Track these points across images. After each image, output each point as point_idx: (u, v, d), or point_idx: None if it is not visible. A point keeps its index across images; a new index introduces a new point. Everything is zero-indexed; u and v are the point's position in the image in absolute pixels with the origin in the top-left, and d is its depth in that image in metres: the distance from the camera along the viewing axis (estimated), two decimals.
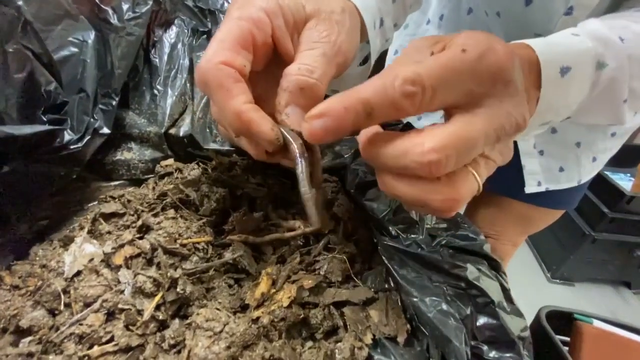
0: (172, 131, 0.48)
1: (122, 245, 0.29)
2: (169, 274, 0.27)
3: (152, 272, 0.27)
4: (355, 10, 0.31)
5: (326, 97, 0.54)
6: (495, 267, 0.37)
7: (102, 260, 0.28)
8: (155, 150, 0.48)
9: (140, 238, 0.30)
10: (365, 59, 0.42)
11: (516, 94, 0.21)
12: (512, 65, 0.20)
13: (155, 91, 0.50)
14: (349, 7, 0.29)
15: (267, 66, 0.28)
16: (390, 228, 0.37)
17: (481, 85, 0.20)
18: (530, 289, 1.71)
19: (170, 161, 0.46)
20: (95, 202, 0.37)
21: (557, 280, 1.81)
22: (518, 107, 0.21)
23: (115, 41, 0.40)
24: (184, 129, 0.49)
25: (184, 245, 0.29)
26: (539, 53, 0.26)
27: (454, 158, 0.19)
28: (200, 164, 0.47)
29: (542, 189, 0.63)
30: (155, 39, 0.51)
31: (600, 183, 1.57)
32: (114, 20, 0.39)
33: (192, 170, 0.44)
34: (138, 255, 0.28)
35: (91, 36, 0.39)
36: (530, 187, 0.63)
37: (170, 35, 0.53)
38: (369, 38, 0.34)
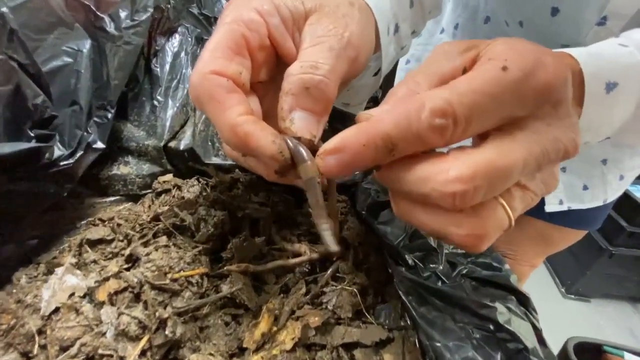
0: (172, 144, 0.46)
1: (106, 279, 0.26)
2: (157, 314, 0.24)
3: (139, 311, 0.24)
4: (367, 7, 0.27)
5: (337, 110, 0.50)
6: (524, 302, 0.33)
7: (85, 294, 0.26)
8: (153, 165, 0.46)
9: (129, 269, 0.27)
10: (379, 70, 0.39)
11: (567, 115, 0.18)
12: (565, 83, 0.18)
13: (156, 102, 0.48)
14: (359, 2, 0.26)
15: (274, 76, 0.25)
16: (407, 256, 0.33)
17: (525, 108, 0.17)
18: (543, 304, 1.62)
19: (169, 177, 0.43)
20: (89, 220, 0.34)
21: (572, 296, 1.74)
22: (568, 131, 0.18)
23: (112, 51, 0.38)
24: (184, 142, 0.46)
25: (175, 280, 0.26)
26: (583, 65, 0.23)
27: (484, 190, 0.17)
28: (200, 180, 0.44)
29: (564, 207, 0.59)
30: (157, 47, 0.49)
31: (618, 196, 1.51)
32: (110, 28, 0.37)
33: (192, 187, 0.41)
34: (125, 289, 0.25)
35: (86, 45, 0.37)
36: (551, 206, 0.59)
37: (173, 44, 0.51)
38: (381, 42, 0.31)
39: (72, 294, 0.25)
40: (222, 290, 0.28)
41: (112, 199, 0.45)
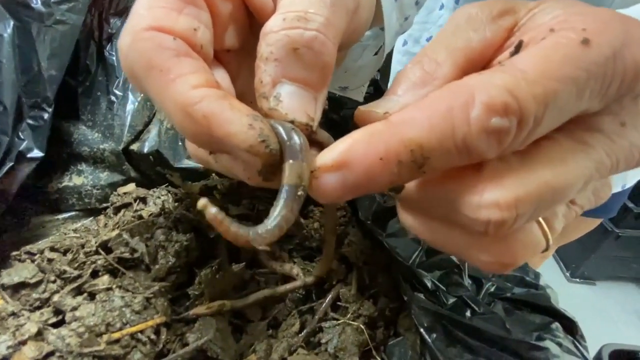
0: (135, 147, 0.39)
1: (23, 342, 0.19)
2: None
3: None
4: None
5: (335, 97, 0.42)
6: (571, 329, 0.27)
7: None
8: (113, 173, 0.38)
9: (59, 323, 0.20)
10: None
11: None
12: None
13: (113, 97, 0.40)
14: None
15: (249, 43, 0.19)
16: (424, 279, 0.27)
17: (604, 100, 0.13)
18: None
19: (130, 187, 0.36)
20: (14, 255, 0.27)
21: (577, 280, 1.72)
22: None
23: (41, 33, 0.30)
24: (149, 143, 0.39)
25: (115, 342, 0.19)
26: None
27: (527, 216, 0.13)
28: (170, 189, 0.37)
29: None
30: (110, 30, 0.41)
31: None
32: (37, 4, 0.29)
33: (159, 199, 0.34)
34: (50, 354, 0.19)
35: (7, 28, 0.29)
36: None
37: None
38: (382, 8, 0.24)
39: None
40: (188, 342, 0.21)
41: (65, 215, 0.38)
